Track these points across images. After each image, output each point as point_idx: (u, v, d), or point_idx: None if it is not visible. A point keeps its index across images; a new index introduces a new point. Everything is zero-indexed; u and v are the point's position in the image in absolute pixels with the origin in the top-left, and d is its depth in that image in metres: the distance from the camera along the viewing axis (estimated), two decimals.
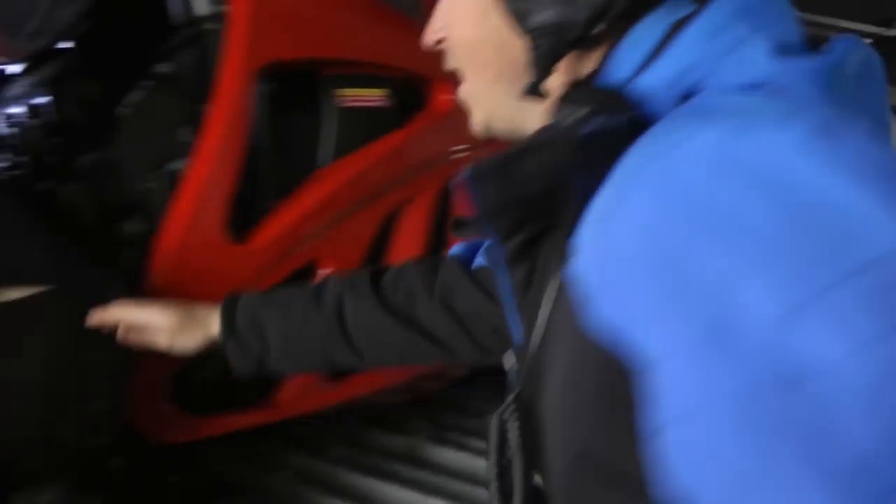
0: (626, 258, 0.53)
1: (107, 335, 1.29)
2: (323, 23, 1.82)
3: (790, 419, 0.46)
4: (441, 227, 2.10)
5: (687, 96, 0.62)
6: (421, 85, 2.07)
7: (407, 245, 2.01)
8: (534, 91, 0.70)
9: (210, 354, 1.25)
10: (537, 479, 0.72)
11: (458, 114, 0.84)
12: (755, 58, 0.61)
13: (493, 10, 0.71)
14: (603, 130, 0.61)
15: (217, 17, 1.70)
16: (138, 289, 1.55)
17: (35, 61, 1.79)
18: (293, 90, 1.80)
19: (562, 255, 0.63)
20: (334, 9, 1.85)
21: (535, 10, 0.67)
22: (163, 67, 1.71)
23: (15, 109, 1.74)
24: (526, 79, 0.70)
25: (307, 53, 1.78)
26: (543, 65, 0.68)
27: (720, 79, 0.62)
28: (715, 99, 0.60)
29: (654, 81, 0.63)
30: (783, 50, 0.62)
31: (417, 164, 2.02)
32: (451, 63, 0.80)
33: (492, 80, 0.76)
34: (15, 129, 1.72)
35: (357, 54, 1.88)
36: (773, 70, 0.60)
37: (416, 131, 2.00)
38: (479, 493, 2.02)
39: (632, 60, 0.66)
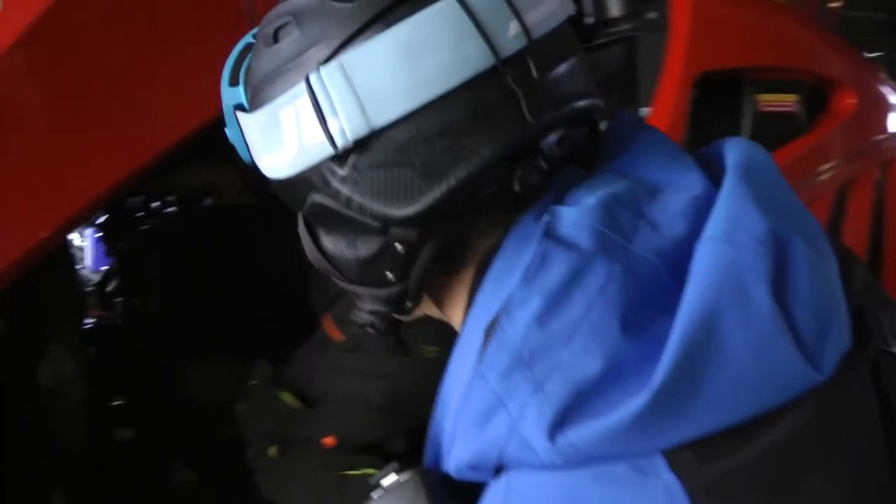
0: None
1: None
2: (750, 30, 1.86)
3: None
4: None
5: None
6: (825, 88, 2.06)
7: None
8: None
9: None
10: None
11: (859, 118, 0.86)
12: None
13: None
14: None
15: (647, 24, 1.77)
16: None
17: None
18: (716, 95, 1.85)
19: None
20: (759, 15, 1.89)
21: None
22: None
23: None
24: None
25: (736, 62, 1.83)
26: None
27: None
28: None
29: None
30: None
31: (818, 170, 2.02)
32: None
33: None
34: None
35: (777, 60, 1.90)
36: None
37: (822, 136, 2.01)
38: None
39: None
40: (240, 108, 0.71)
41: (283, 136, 0.65)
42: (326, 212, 0.67)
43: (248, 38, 0.73)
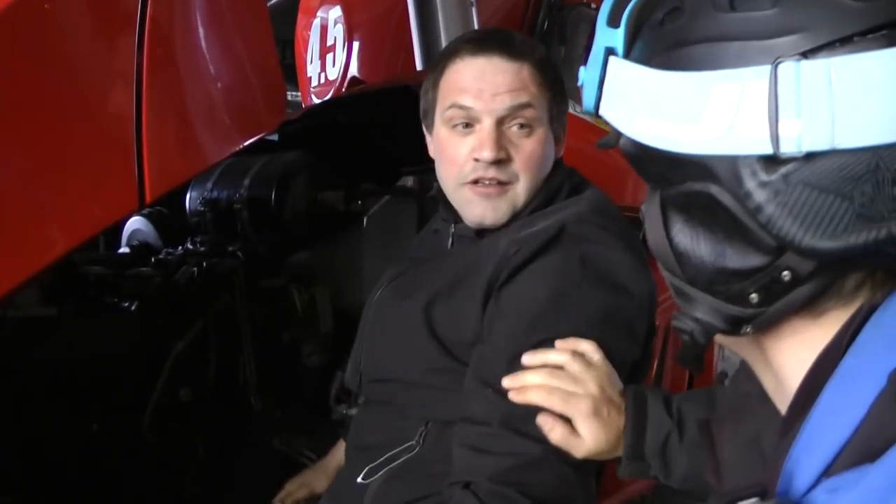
0: None
1: None
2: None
3: None
4: None
5: None
6: None
7: None
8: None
9: None
10: None
11: None
12: None
13: None
14: None
15: None
16: None
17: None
18: None
19: None
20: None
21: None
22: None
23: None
24: None
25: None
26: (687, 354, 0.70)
27: None
28: None
29: None
30: None
31: None
32: None
33: None
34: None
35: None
36: None
37: None
38: None
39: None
40: (611, 51, 0.66)
41: (703, 111, 0.58)
42: (715, 208, 0.61)
43: None
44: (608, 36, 0.66)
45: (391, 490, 1.28)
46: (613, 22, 0.65)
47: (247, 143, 1.41)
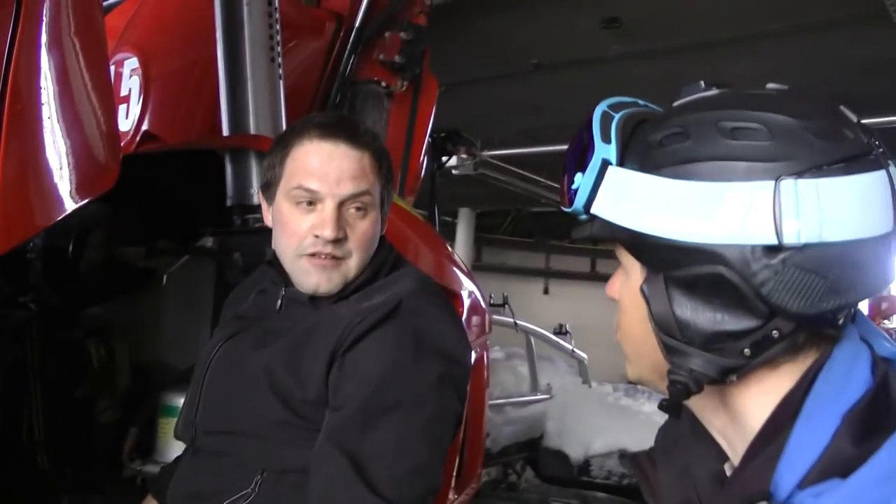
0: None
1: None
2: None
3: None
4: None
5: None
6: None
7: None
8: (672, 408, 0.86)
9: None
10: None
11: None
12: None
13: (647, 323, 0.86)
14: None
15: None
16: None
17: None
18: None
19: None
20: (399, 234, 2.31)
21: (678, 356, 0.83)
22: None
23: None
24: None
25: None
26: (675, 400, 0.85)
27: None
28: None
29: None
30: None
31: None
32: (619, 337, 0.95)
33: (648, 367, 0.91)
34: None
35: None
36: None
37: None
38: None
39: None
40: (607, 162, 0.85)
41: (718, 211, 0.77)
42: (721, 284, 0.79)
43: (603, 108, 0.87)
44: (603, 149, 0.85)
45: None
46: (605, 138, 0.85)
47: (88, 199, 1.44)
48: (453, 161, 10.43)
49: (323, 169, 1.44)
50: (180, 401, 1.95)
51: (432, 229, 2.87)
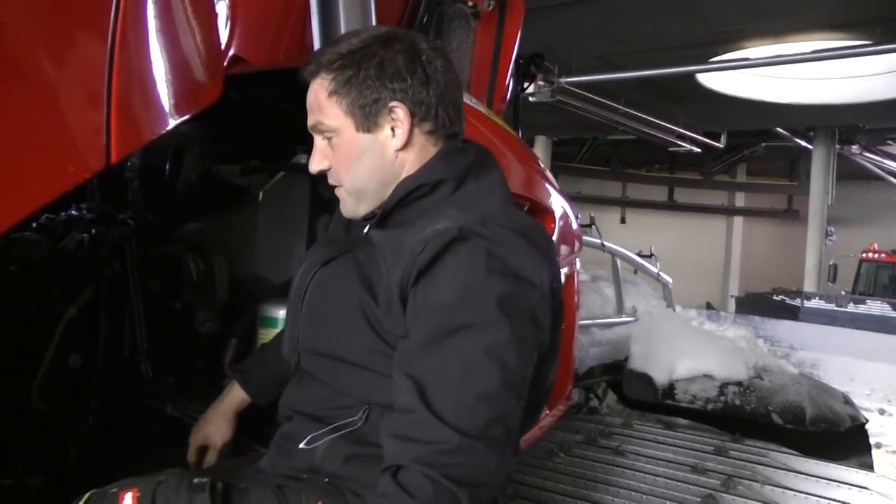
0: None
1: None
2: None
3: None
4: None
5: None
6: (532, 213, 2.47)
7: None
8: None
9: None
10: None
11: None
12: None
13: None
14: None
15: None
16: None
17: None
18: None
19: None
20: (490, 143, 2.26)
21: None
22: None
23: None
24: None
25: None
26: None
27: None
28: None
29: None
30: None
31: None
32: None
33: None
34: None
35: None
36: None
37: None
38: None
39: None
40: None
41: None
42: None
43: None
44: None
45: (339, 447, 1.41)
46: None
47: (196, 111, 1.46)
48: (531, 88, 10.51)
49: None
50: (279, 312, 2.01)
51: (522, 142, 2.84)
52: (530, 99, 10.87)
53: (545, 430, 2.70)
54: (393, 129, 1.46)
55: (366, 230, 1.53)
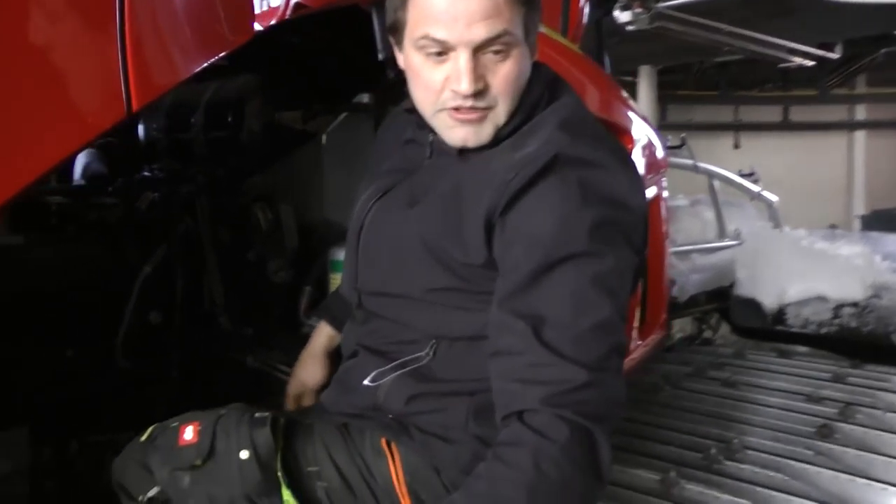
0: None
1: None
2: None
3: None
4: None
5: None
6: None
7: None
8: None
9: None
10: None
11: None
12: None
13: None
14: None
15: None
16: None
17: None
18: None
19: None
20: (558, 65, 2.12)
21: None
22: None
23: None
24: None
25: None
26: None
27: None
28: None
29: None
30: None
31: None
32: None
33: None
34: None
35: None
36: None
37: None
38: None
39: None
40: None
41: None
42: None
43: None
44: None
45: (403, 385, 1.34)
46: None
47: (223, 53, 1.40)
48: (628, 16, 10.18)
49: (450, 12, 1.23)
50: None
51: (592, 62, 2.70)
52: (627, 28, 10.52)
53: (639, 361, 2.60)
54: (533, 46, 1.34)
55: (427, 159, 1.41)
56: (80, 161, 2.59)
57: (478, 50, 1.24)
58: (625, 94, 2.57)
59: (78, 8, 1.19)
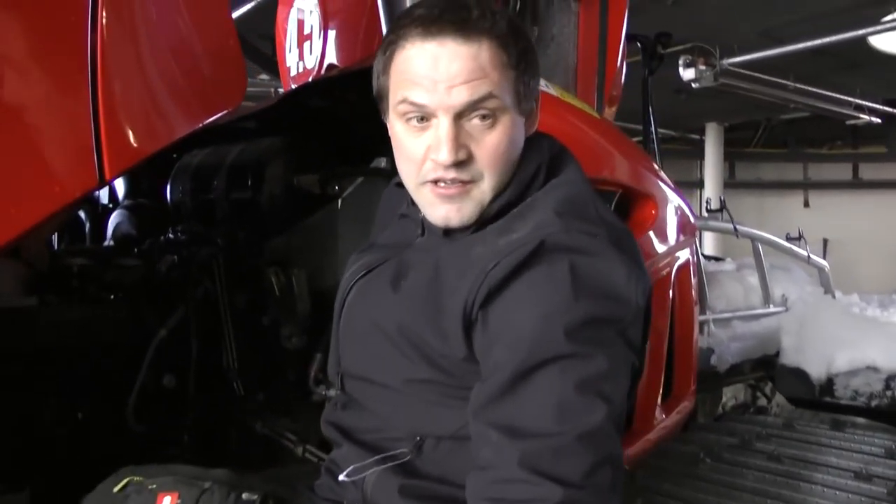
0: None
1: None
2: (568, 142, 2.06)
3: None
4: None
5: None
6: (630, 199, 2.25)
7: None
8: None
9: None
10: None
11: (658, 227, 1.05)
12: None
13: None
14: None
15: None
16: None
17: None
18: None
19: None
20: (577, 130, 2.08)
21: None
22: None
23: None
24: None
25: None
26: None
27: None
28: None
29: None
30: None
31: None
32: None
33: None
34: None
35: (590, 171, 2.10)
36: None
37: None
38: None
39: None
40: None
41: None
42: None
43: None
44: None
45: (388, 480, 1.24)
46: None
47: (209, 120, 1.40)
48: (692, 74, 10.10)
49: (429, 76, 1.15)
50: None
51: (611, 124, 2.66)
52: (693, 85, 10.47)
53: (664, 435, 2.50)
54: (530, 112, 1.26)
55: (419, 237, 1.33)
56: (113, 221, 2.65)
57: (461, 116, 1.16)
58: (650, 160, 2.52)
59: (47, 72, 1.20)
